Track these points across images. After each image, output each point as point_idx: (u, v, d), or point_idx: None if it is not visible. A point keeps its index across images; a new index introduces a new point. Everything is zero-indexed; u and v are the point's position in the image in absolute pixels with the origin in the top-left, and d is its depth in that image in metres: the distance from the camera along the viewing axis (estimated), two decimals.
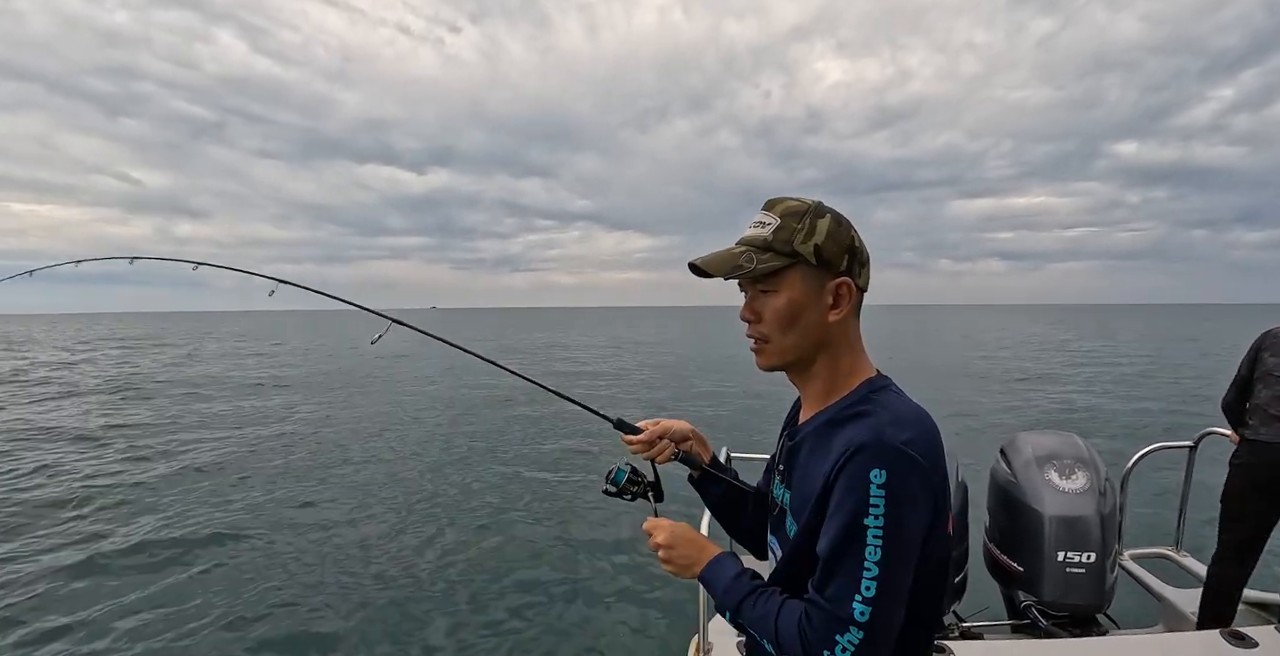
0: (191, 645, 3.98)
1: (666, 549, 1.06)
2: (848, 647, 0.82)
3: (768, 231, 0.96)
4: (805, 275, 0.95)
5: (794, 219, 0.95)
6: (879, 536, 0.81)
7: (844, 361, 1.00)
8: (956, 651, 1.90)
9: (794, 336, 0.98)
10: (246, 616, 4.34)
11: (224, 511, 6.54)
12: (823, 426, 0.97)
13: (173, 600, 4.59)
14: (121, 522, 6.24)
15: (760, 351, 1.02)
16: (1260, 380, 2.58)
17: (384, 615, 4.34)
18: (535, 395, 9.30)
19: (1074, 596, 2.42)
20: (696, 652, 1.96)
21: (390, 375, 14.24)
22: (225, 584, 4.85)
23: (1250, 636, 1.94)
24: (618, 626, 4.26)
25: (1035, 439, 2.79)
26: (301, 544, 5.60)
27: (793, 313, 0.96)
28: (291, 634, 4.13)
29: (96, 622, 4.27)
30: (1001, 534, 2.69)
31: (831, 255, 0.95)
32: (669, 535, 1.07)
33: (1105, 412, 12.25)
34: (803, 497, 0.95)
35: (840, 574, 0.84)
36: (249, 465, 8.46)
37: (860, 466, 0.83)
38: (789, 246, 0.94)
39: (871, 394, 0.95)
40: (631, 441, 1.23)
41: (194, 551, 5.49)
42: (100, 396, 14.98)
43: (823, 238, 0.94)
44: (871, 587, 0.82)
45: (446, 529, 6.04)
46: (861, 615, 0.82)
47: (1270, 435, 2.40)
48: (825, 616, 0.84)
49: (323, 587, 4.74)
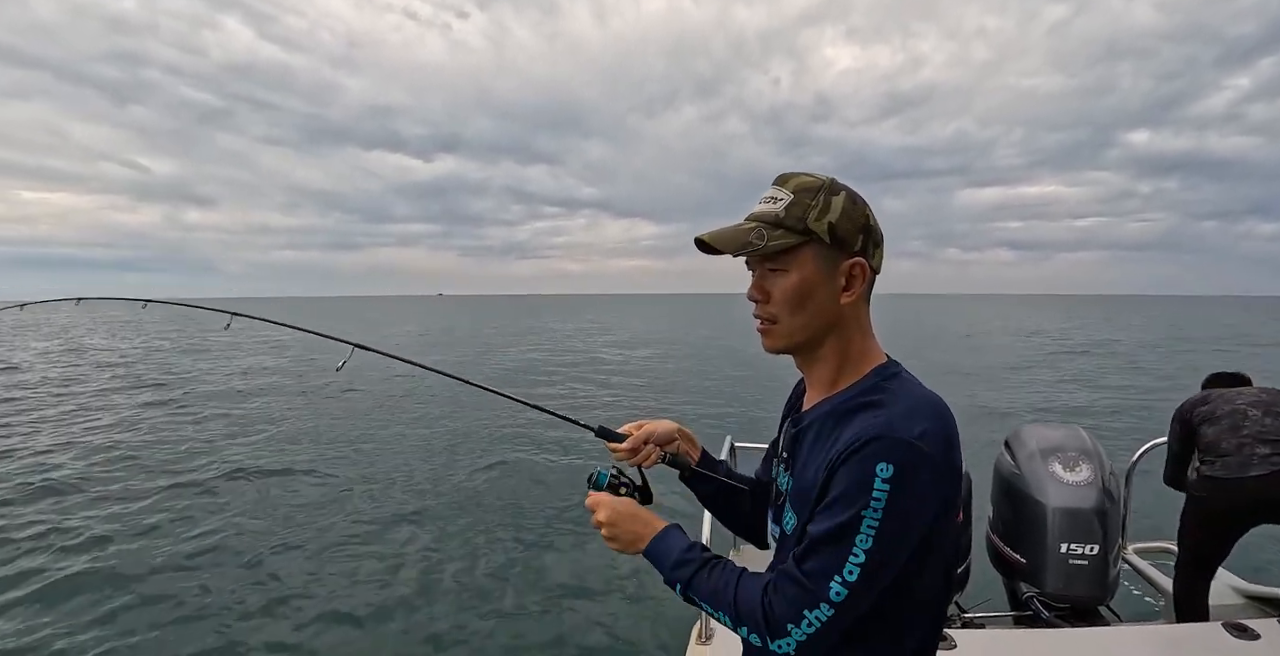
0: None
1: (609, 526, 1.03)
2: (814, 623, 0.81)
3: (779, 207, 0.92)
4: (818, 254, 0.91)
5: (808, 195, 0.91)
6: (874, 527, 0.79)
7: (854, 345, 0.96)
8: (959, 639, 1.90)
9: (804, 317, 0.93)
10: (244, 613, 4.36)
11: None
12: (830, 414, 0.93)
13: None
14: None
15: (768, 332, 0.97)
16: (1206, 423, 2.56)
17: (389, 612, 4.35)
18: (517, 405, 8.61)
19: (1076, 588, 2.42)
20: (698, 638, 1.97)
21: (365, 393, 13.85)
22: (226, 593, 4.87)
23: (1252, 628, 1.94)
24: (619, 614, 4.29)
25: (1040, 431, 2.79)
26: (300, 562, 5.29)
27: (804, 293, 0.92)
28: (294, 630, 4.16)
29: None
30: (1005, 525, 2.69)
31: (846, 234, 0.91)
32: (610, 511, 1.04)
33: (1111, 406, 12.18)
34: (804, 486, 0.92)
35: (826, 553, 0.81)
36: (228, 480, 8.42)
37: (868, 459, 0.80)
38: (802, 223, 0.90)
39: (883, 381, 0.92)
40: (616, 449, 1.20)
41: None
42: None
43: (837, 215, 0.90)
44: (855, 572, 0.80)
45: (442, 524, 5.99)
46: (837, 595, 0.80)
47: (1224, 471, 2.39)
48: (798, 590, 0.82)
49: (324, 593, 4.71)
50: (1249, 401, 2.51)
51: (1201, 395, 2.70)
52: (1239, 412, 2.48)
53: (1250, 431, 2.40)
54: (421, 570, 4.94)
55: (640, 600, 4.45)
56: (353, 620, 4.16)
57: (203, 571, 4.87)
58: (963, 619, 2.64)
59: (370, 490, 6.99)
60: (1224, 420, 2.49)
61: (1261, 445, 2.35)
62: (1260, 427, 2.39)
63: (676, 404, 12.72)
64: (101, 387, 14.40)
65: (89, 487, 6.92)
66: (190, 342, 27.56)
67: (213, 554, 5.18)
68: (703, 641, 1.96)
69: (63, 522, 5.85)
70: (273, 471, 7.62)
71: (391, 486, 7.11)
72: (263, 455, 8.44)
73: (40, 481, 7.05)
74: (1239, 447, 2.39)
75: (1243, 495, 2.34)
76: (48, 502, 6.46)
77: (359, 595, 4.50)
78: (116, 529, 5.71)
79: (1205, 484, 2.47)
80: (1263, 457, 2.33)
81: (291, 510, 6.28)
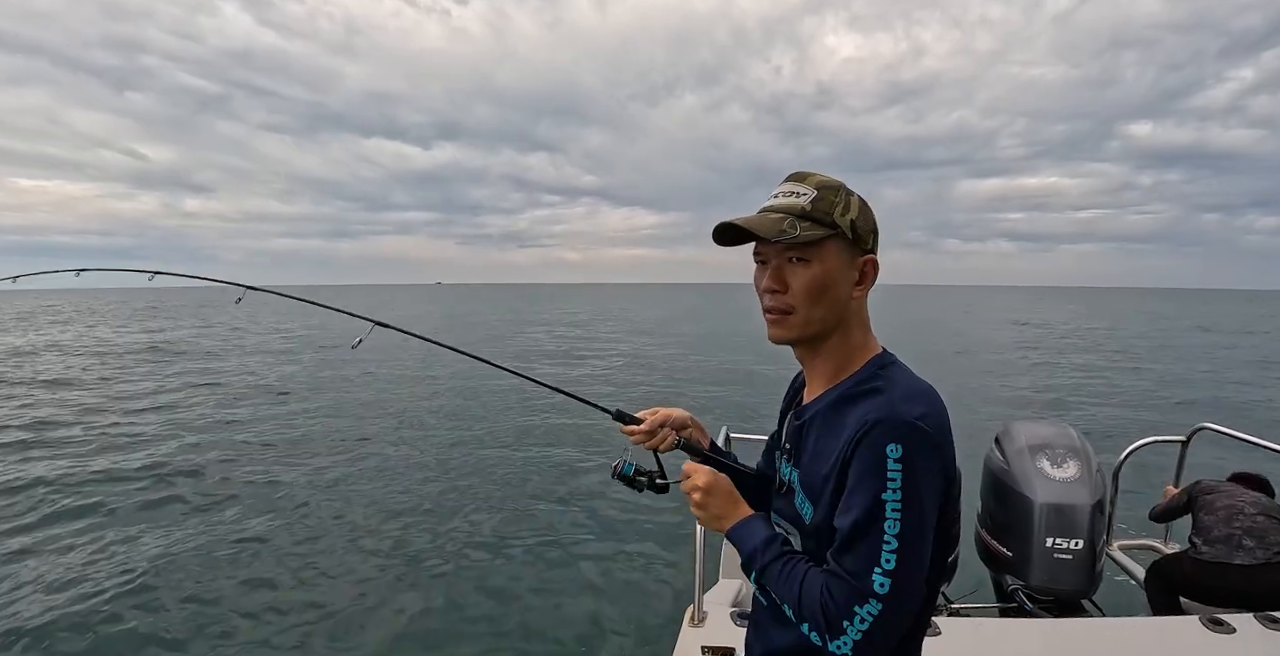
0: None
1: (705, 493, 1.04)
2: (866, 619, 0.83)
3: (805, 201, 0.94)
4: (841, 249, 0.95)
5: (831, 192, 0.95)
6: (898, 510, 0.83)
7: (856, 338, 1.01)
8: (944, 627, 1.95)
9: (821, 309, 0.96)
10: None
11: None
12: (833, 404, 0.97)
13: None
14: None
15: (780, 323, 0.99)
16: (1203, 512, 2.66)
17: (389, 593, 4.39)
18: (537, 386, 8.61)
19: (1060, 581, 2.46)
20: (691, 621, 2.01)
21: (385, 372, 14.02)
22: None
23: (1229, 622, 1.99)
24: (614, 595, 4.35)
25: (1029, 428, 2.83)
26: (303, 530, 5.54)
27: (825, 284, 0.95)
28: (302, 606, 4.22)
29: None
30: (993, 519, 2.74)
31: (864, 232, 0.96)
32: (709, 480, 1.05)
33: (1101, 403, 12.23)
34: (814, 475, 0.95)
35: (860, 547, 0.84)
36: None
37: (876, 442, 0.84)
38: (829, 218, 0.94)
39: (880, 370, 0.96)
40: (633, 432, 1.23)
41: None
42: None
43: (857, 214, 0.95)
44: (891, 560, 0.83)
45: (449, 508, 6.06)
46: (882, 587, 0.83)
47: (1211, 555, 2.47)
48: (846, 588, 0.85)
49: (332, 568, 4.79)
50: (1250, 501, 2.61)
51: (1216, 483, 2.78)
52: (1235, 508, 2.57)
53: (1241, 525, 2.49)
54: (412, 555, 4.97)
55: (634, 583, 4.51)
56: (340, 609, 4.18)
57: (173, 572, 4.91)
58: (950, 609, 2.69)
59: (378, 470, 7.09)
60: (1221, 511, 2.57)
61: (1248, 537, 2.44)
62: (1251, 523, 2.48)
63: (673, 394, 12.76)
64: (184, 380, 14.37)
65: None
66: (191, 332, 27.45)
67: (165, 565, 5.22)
68: (695, 623, 1.99)
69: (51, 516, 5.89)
70: (264, 461, 7.67)
71: (397, 468, 7.19)
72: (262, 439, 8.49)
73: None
74: (1228, 537, 2.47)
75: (1223, 580, 2.42)
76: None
77: (340, 583, 4.54)
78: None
79: (1188, 563, 2.54)
80: (1247, 550, 2.41)
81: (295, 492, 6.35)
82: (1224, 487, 2.72)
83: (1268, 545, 2.41)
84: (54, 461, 7.22)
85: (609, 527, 5.51)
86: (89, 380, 13.41)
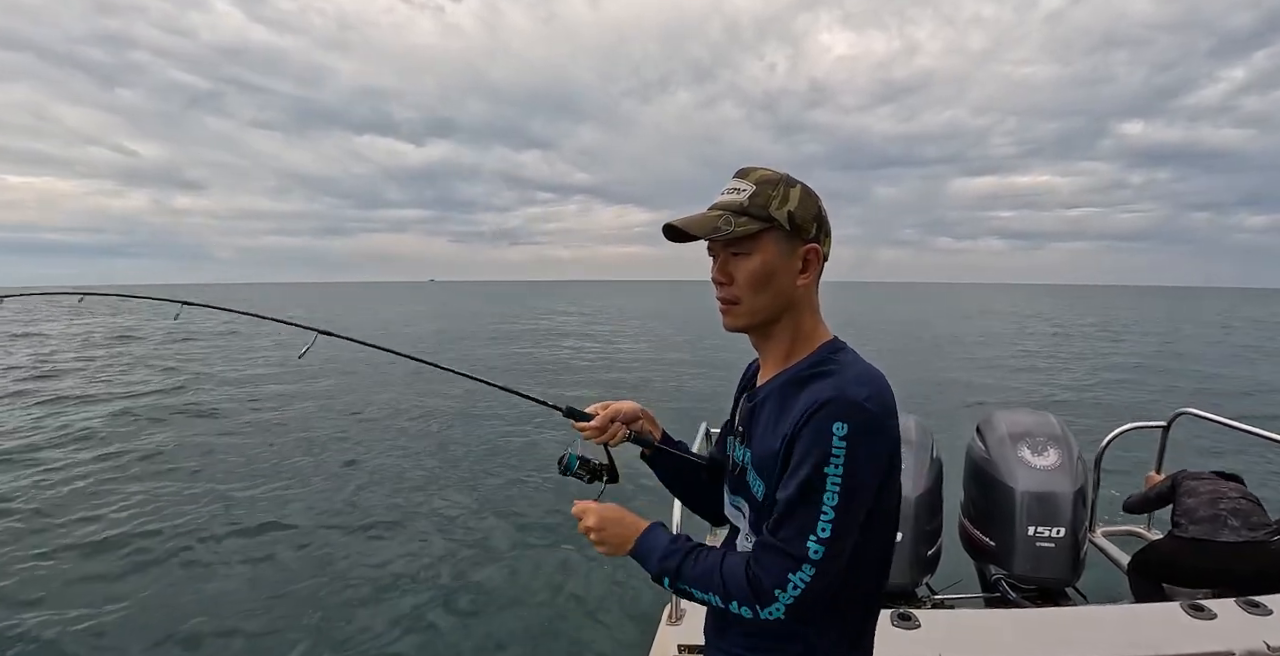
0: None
1: (598, 531, 1.07)
2: (799, 585, 0.87)
3: (743, 196, 0.99)
4: (778, 239, 0.99)
5: (769, 186, 0.99)
6: (838, 483, 0.86)
7: (805, 324, 1.05)
8: (922, 619, 1.95)
9: (765, 298, 1.01)
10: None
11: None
12: (785, 384, 1.01)
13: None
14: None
15: (729, 312, 1.04)
16: (1185, 495, 2.68)
17: (346, 607, 4.20)
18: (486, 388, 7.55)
19: (1043, 570, 2.48)
20: (669, 619, 2.00)
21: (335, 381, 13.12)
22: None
23: (1210, 608, 2.00)
24: (592, 595, 4.32)
25: (1010, 417, 2.84)
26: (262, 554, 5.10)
27: (765, 274, 0.99)
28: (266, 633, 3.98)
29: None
30: (975, 509, 2.75)
31: (803, 222, 0.99)
32: (598, 518, 1.08)
33: (1083, 392, 12.30)
34: (765, 452, 0.99)
35: (798, 516, 0.88)
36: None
37: (824, 420, 0.88)
38: (765, 211, 0.97)
39: (832, 354, 1.01)
40: (584, 428, 1.24)
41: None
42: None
43: (795, 205, 0.98)
44: (827, 529, 0.87)
45: (414, 521, 5.75)
46: (815, 553, 0.87)
47: (1197, 532, 2.48)
48: (777, 555, 0.89)
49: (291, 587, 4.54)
50: (1232, 487, 2.65)
51: (1201, 472, 2.80)
52: (1219, 492, 2.60)
53: (1226, 506, 2.51)
54: (380, 561, 4.86)
55: (610, 582, 4.48)
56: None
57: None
58: (933, 600, 2.69)
59: (340, 476, 6.96)
60: (1205, 495, 2.60)
61: (1233, 518, 2.46)
62: (1235, 505, 2.51)
63: (649, 392, 12.66)
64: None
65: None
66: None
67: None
68: (673, 622, 1.98)
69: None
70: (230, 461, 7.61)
71: (358, 476, 7.01)
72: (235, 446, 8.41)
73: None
74: (1213, 517, 2.49)
75: (1207, 557, 2.43)
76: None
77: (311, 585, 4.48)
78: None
79: (1173, 543, 2.55)
80: (1232, 528, 2.43)
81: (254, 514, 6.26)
82: (1207, 477, 2.76)
83: (1252, 525, 2.44)
84: None
85: (575, 530, 5.42)
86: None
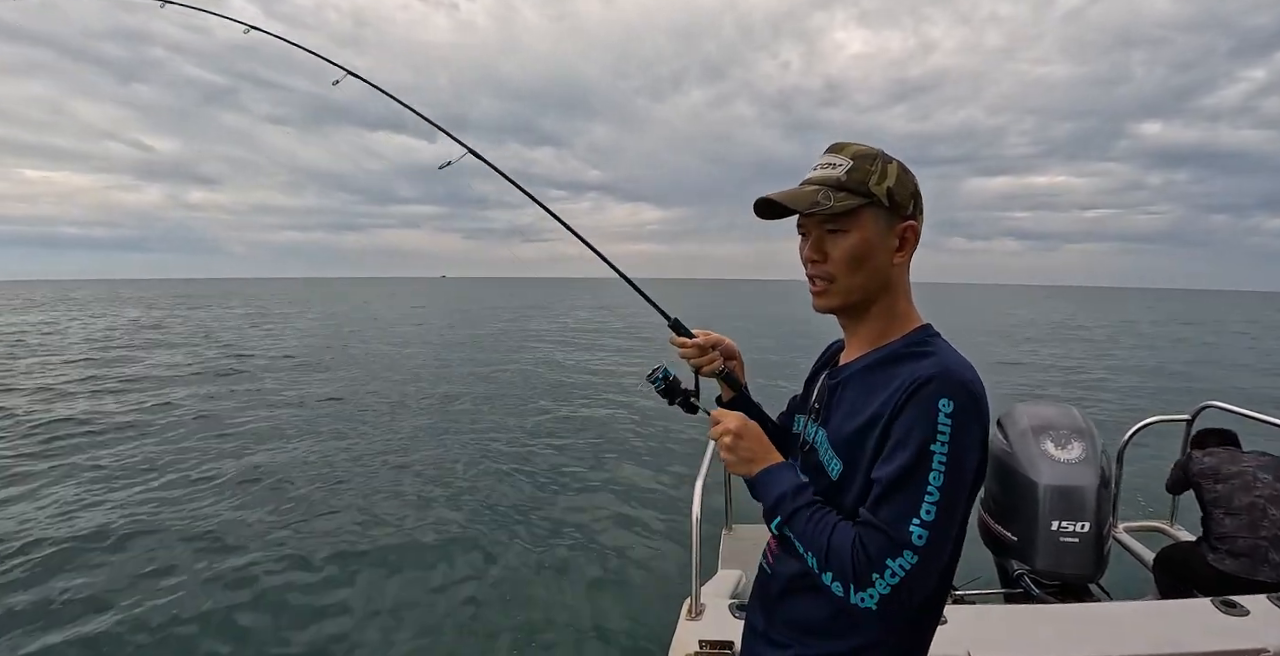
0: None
1: (735, 437, 1.03)
2: (898, 573, 0.82)
3: (840, 172, 0.95)
4: (877, 216, 0.96)
5: (866, 161, 0.96)
6: (944, 462, 0.83)
7: (900, 305, 1.02)
8: (948, 615, 1.92)
9: (861, 277, 0.98)
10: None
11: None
12: (876, 364, 0.98)
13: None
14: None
15: (823, 292, 1.01)
16: (1220, 507, 2.56)
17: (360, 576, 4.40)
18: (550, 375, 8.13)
19: (1066, 565, 2.43)
20: (689, 614, 1.98)
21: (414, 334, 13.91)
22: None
23: (1242, 604, 1.95)
24: (610, 589, 4.32)
25: (1032, 410, 2.79)
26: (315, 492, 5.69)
27: (863, 253, 0.96)
28: (292, 589, 4.23)
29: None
30: (996, 503, 2.71)
31: (901, 198, 0.96)
32: (741, 423, 1.04)
33: (1105, 386, 12.18)
34: (845, 431, 0.96)
35: (901, 497, 0.84)
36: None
37: (930, 395, 0.85)
38: (864, 187, 0.94)
39: (929, 337, 0.98)
40: (685, 344, 1.20)
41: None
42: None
43: (894, 181, 0.95)
44: (932, 511, 0.82)
45: (449, 489, 6.10)
46: (919, 539, 0.82)
47: (1235, 568, 2.40)
48: (881, 539, 0.83)
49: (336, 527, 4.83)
50: (1255, 464, 2.54)
51: (1214, 465, 2.68)
52: (1257, 506, 2.47)
53: (1268, 534, 2.39)
54: (401, 545, 4.93)
55: (630, 576, 4.48)
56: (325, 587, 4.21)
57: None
58: (953, 596, 2.66)
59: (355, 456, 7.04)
60: (1243, 514, 2.47)
61: (1275, 551, 2.35)
62: (1277, 531, 2.38)
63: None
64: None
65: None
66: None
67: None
68: (693, 617, 1.97)
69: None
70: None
71: (371, 453, 7.08)
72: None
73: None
74: (1253, 549, 2.39)
75: (1241, 586, 2.33)
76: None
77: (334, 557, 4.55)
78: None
79: (1207, 569, 2.48)
80: (1274, 564, 2.34)
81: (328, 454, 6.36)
82: (1225, 469, 2.64)
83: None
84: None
85: (605, 520, 5.49)
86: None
